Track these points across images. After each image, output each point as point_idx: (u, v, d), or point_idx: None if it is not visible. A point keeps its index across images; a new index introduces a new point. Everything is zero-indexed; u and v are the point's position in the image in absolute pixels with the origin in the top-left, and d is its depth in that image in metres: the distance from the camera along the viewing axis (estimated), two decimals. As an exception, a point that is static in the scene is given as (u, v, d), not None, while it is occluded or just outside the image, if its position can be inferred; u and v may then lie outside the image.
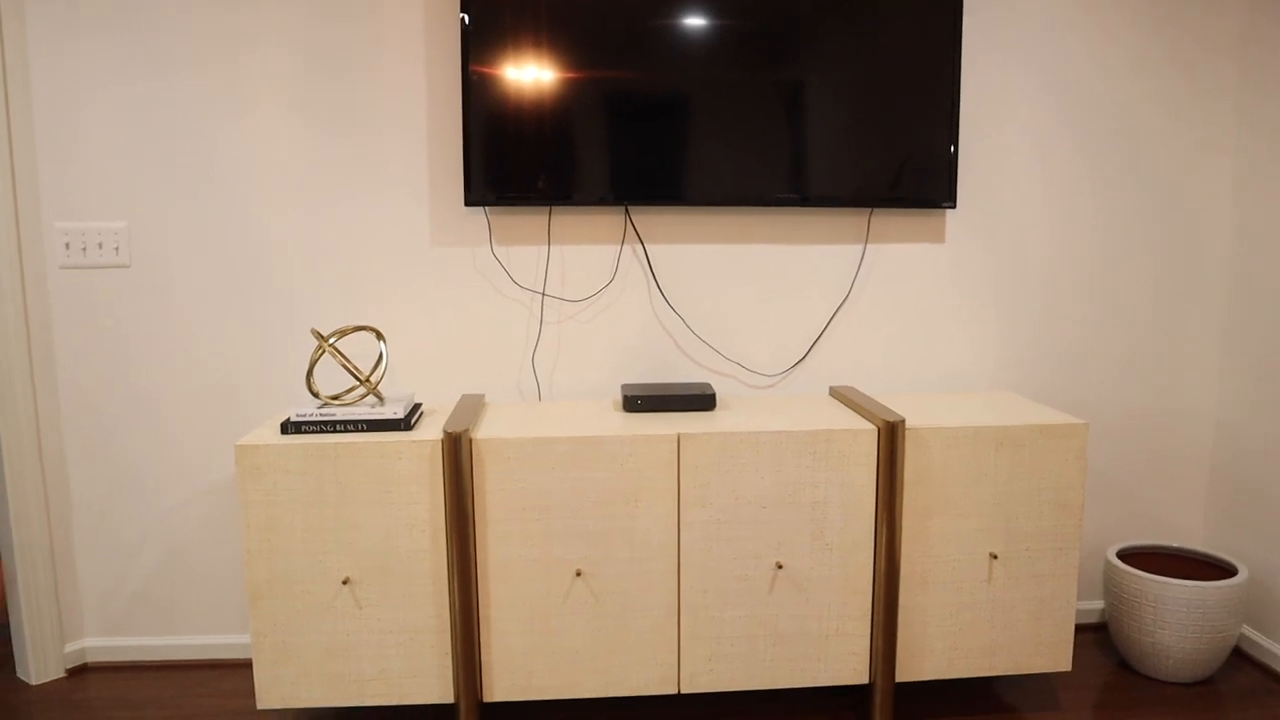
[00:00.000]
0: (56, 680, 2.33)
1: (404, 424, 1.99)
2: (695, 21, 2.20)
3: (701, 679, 2.05)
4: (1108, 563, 2.37)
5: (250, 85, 2.24)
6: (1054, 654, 2.12)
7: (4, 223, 2.17)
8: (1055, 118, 2.41)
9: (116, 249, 2.26)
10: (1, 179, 2.15)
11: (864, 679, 2.08)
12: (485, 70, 2.17)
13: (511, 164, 2.21)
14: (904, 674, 2.09)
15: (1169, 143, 2.44)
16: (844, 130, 2.27)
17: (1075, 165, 2.43)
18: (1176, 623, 2.22)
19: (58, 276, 2.26)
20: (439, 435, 1.95)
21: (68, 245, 2.25)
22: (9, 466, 2.23)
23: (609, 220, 2.34)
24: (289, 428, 1.96)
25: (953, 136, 2.30)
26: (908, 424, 2.02)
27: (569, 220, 2.34)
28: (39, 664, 2.31)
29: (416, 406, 2.14)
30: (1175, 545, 2.47)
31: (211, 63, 2.22)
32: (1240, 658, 2.42)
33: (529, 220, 2.33)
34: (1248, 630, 2.44)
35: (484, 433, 1.98)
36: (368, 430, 1.98)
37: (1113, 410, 2.53)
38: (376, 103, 2.26)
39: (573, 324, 2.38)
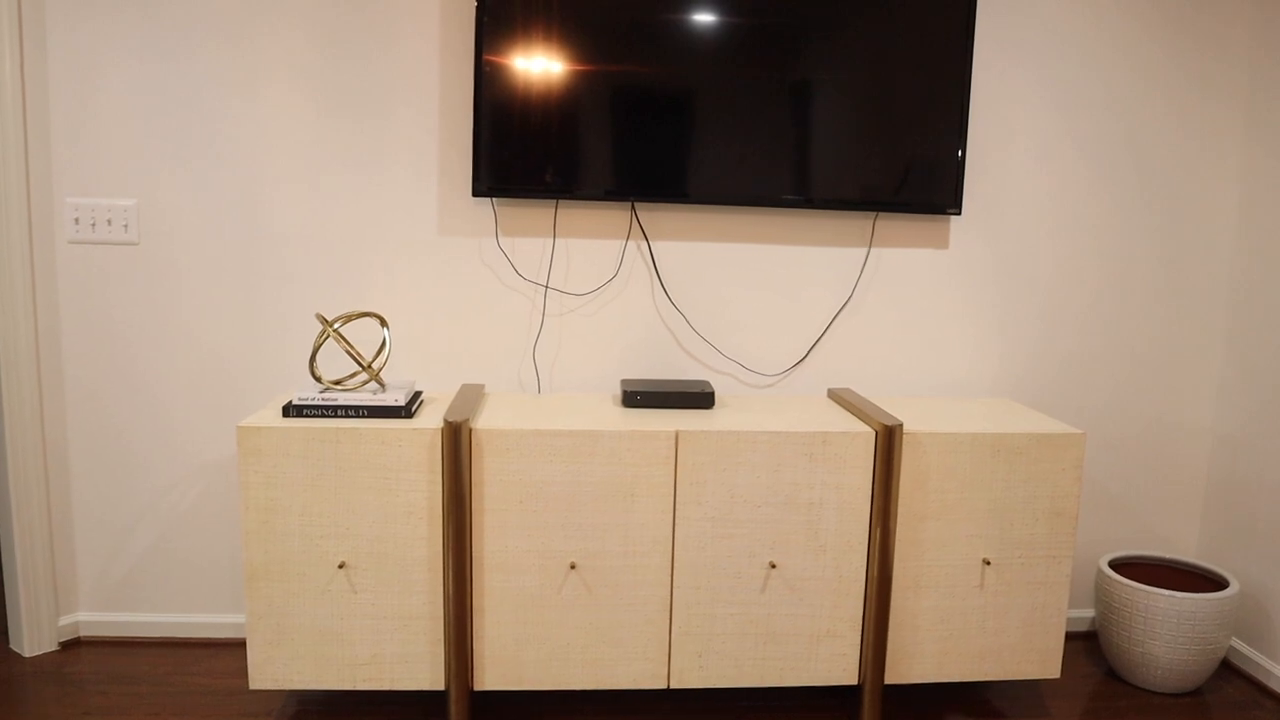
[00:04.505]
0: (49, 653, 2.34)
1: (405, 411, 2.00)
2: (706, 18, 2.20)
3: (691, 675, 2.06)
4: (1099, 572, 2.38)
5: (263, 67, 2.24)
6: (1043, 661, 2.14)
7: (15, 196, 2.17)
8: (1062, 126, 2.41)
9: (125, 226, 2.26)
10: (14, 153, 2.16)
11: (853, 680, 2.09)
12: (498, 61, 2.17)
13: (520, 156, 2.22)
14: (893, 676, 2.10)
15: (1176, 153, 2.45)
16: (851, 132, 2.28)
17: (1081, 174, 2.43)
18: (1166, 634, 2.23)
19: (66, 251, 2.27)
20: (439, 424, 1.96)
21: (77, 220, 2.25)
22: (10, 439, 2.24)
23: (615, 215, 2.35)
24: (290, 411, 1.97)
25: (961, 142, 2.30)
26: (905, 428, 2.03)
27: (575, 214, 2.34)
28: (33, 636, 2.33)
29: (417, 394, 2.15)
30: (1168, 556, 2.48)
31: (226, 44, 2.23)
32: (1229, 670, 2.44)
33: (535, 212, 2.34)
34: (1237, 643, 2.45)
35: (483, 423, 1.99)
36: (369, 416, 1.99)
37: (1111, 420, 2.54)
38: (389, 89, 2.27)
39: (575, 317, 2.39)
